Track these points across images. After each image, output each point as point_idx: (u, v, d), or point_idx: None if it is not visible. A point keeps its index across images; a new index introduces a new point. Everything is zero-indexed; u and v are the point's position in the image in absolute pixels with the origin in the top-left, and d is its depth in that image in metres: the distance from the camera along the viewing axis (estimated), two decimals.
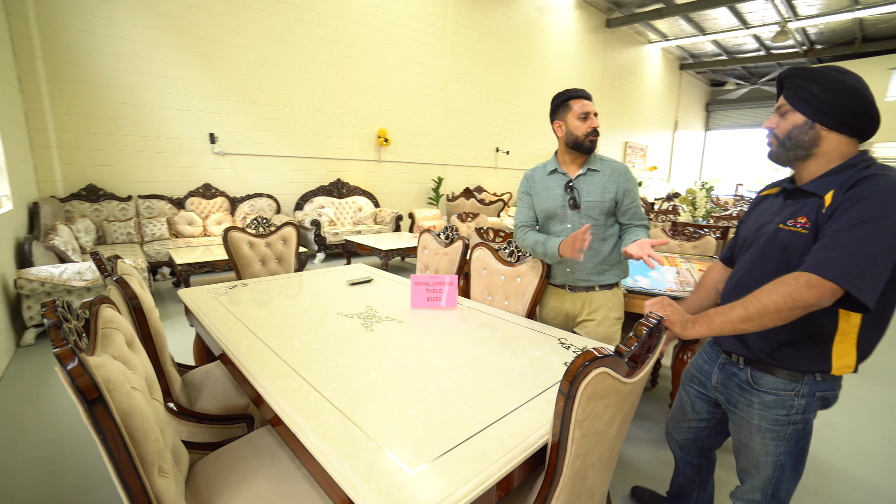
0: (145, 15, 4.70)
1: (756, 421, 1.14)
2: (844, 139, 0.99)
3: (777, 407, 1.10)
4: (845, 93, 0.96)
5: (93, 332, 0.90)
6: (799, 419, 1.10)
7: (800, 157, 1.04)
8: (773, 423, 1.11)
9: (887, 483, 1.87)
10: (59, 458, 1.85)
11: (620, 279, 1.78)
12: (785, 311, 0.93)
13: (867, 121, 0.97)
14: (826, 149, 1.00)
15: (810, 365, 1.05)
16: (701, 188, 4.69)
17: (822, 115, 0.98)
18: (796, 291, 0.91)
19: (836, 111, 0.97)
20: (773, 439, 1.12)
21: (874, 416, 2.44)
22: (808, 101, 0.99)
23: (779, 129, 1.06)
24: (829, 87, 0.97)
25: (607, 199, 1.67)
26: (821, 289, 0.89)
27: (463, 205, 7.61)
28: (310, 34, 5.96)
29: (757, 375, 1.13)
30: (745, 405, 1.16)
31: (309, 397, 1.04)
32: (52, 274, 3.00)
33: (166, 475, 0.88)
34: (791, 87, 1.03)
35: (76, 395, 0.67)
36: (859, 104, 0.95)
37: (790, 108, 1.03)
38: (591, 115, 1.65)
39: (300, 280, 2.21)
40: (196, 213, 5.15)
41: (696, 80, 15.48)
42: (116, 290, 1.31)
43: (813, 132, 1.00)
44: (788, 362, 1.07)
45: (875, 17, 9.71)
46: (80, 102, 4.48)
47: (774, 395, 1.10)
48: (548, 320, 1.85)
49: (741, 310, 0.98)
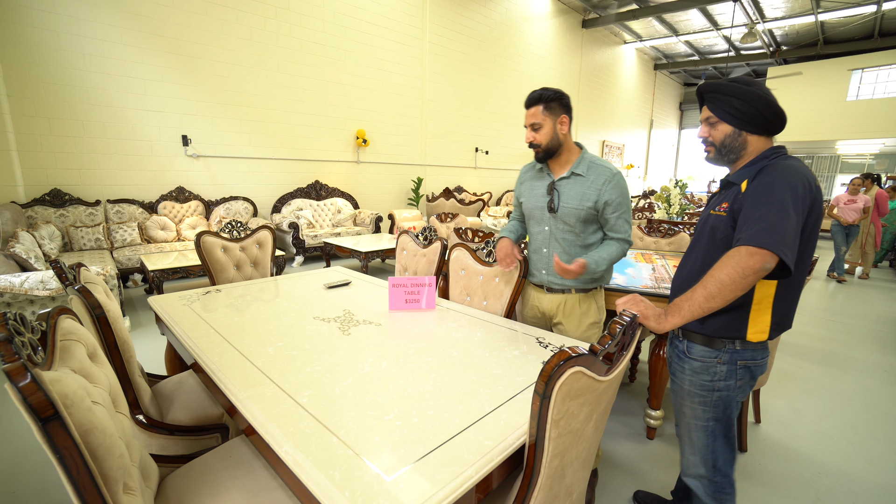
0: (114, 13, 4.54)
1: (686, 386, 1.28)
2: (763, 138, 1.18)
3: (702, 372, 1.24)
4: (759, 101, 1.13)
5: (50, 344, 0.85)
6: (722, 386, 1.22)
7: (733, 160, 1.23)
8: (700, 388, 1.25)
9: (850, 467, 1.95)
10: (20, 477, 1.77)
11: (599, 285, 1.73)
12: (739, 281, 1.04)
13: (777, 121, 1.15)
14: (751, 149, 1.19)
15: (729, 332, 1.18)
16: (675, 186, 4.80)
17: (746, 123, 1.16)
18: (742, 261, 1.03)
19: (755, 118, 1.15)
20: (700, 404, 1.26)
21: (838, 403, 2.54)
22: (733, 114, 1.17)
23: (713, 138, 1.23)
24: (746, 100, 1.14)
25: (585, 208, 1.58)
26: (761, 255, 1.02)
27: (443, 205, 7.61)
28: (287, 34, 5.86)
29: (690, 346, 1.26)
30: (679, 372, 1.30)
31: (283, 405, 1.02)
32: (13, 283, 2.86)
33: (132, 492, 0.84)
34: (713, 101, 1.20)
35: (29, 413, 0.64)
36: (769, 109, 1.14)
37: (718, 120, 1.20)
38: (527, 127, 1.61)
39: (276, 284, 2.16)
40: (169, 218, 5.00)
41: (670, 80, 15.86)
42: (79, 299, 1.25)
43: (741, 138, 1.19)
44: (711, 330, 1.20)
45: (835, 21, 10.13)
46: (43, 103, 4.29)
47: (700, 362, 1.24)
48: (527, 318, 1.85)
49: (702, 290, 1.09)
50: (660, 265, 2.59)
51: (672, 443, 2.07)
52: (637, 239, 3.41)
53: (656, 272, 2.40)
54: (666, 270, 2.45)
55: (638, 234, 3.41)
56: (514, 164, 9.85)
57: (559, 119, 1.57)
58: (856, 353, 3.30)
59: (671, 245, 3.29)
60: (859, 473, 1.91)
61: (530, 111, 1.58)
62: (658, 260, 2.74)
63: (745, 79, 1.18)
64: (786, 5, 9.46)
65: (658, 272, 2.40)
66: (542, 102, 1.56)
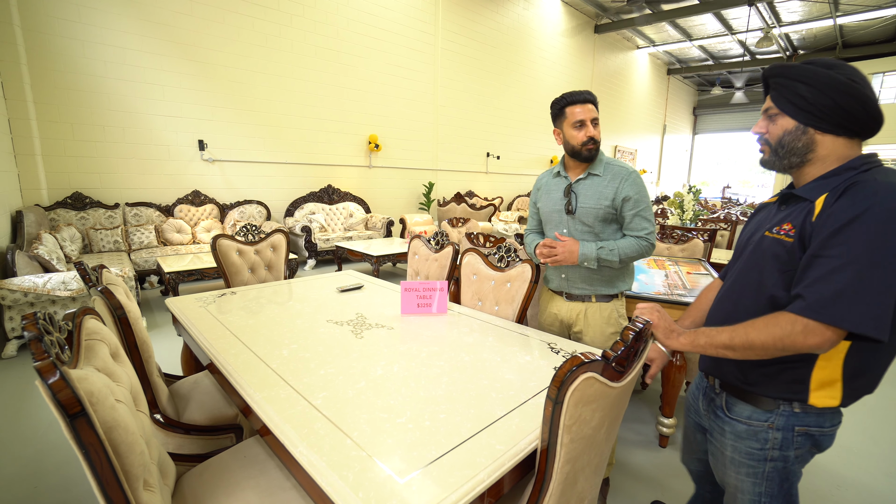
0: (136, 22, 4.67)
1: (728, 453, 1.02)
2: (843, 141, 0.88)
3: (749, 438, 0.98)
4: (837, 90, 0.83)
5: (76, 343, 0.88)
6: (777, 456, 0.95)
7: (795, 165, 0.93)
8: (747, 457, 0.99)
9: (872, 480, 1.90)
10: (42, 474, 1.81)
11: (621, 290, 1.69)
12: (772, 351, 0.84)
13: (866, 118, 0.84)
14: (823, 153, 0.89)
15: (783, 392, 0.92)
16: (688, 191, 4.75)
17: (814, 117, 0.87)
18: (790, 337, 0.81)
19: (829, 112, 0.85)
20: (747, 475, 0.99)
21: (857, 414, 2.48)
22: (797, 104, 0.88)
23: (769, 134, 0.95)
24: (818, 87, 0.85)
25: (603, 206, 1.57)
26: (823, 336, 0.78)
27: (454, 210, 7.63)
28: (301, 41, 5.96)
29: (731, 402, 1.02)
30: (718, 434, 1.05)
31: (298, 406, 1.03)
32: (36, 284, 2.95)
33: (152, 489, 0.86)
34: (777, 87, 0.92)
35: (58, 409, 0.66)
36: (854, 101, 0.83)
37: (779, 112, 0.92)
38: (586, 122, 1.54)
39: (290, 287, 2.19)
40: (185, 221, 5.10)
41: (683, 85, 15.73)
42: (101, 300, 1.29)
43: (806, 137, 0.89)
44: (760, 388, 0.95)
45: (854, 24, 9.97)
46: (66, 110, 4.43)
47: (746, 425, 0.98)
48: (544, 325, 1.83)
49: (727, 338, 0.89)
50: (673, 272, 2.56)
51: None
52: None
53: (669, 279, 2.38)
54: (679, 277, 2.42)
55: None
56: (525, 169, 9.84)
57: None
58: None
59: (684, 251, 3.26)
60: (880, 487, 1.86)
61: (588, 107, 1.55)
62: (671, 266, 2.72)
63: (826, 60, 0.87)
64: (803, 9, 9.33)
65: (671, 279, 2.38)
66: (595, 102, 1.57)
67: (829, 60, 0.88)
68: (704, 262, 2.89)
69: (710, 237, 3.34)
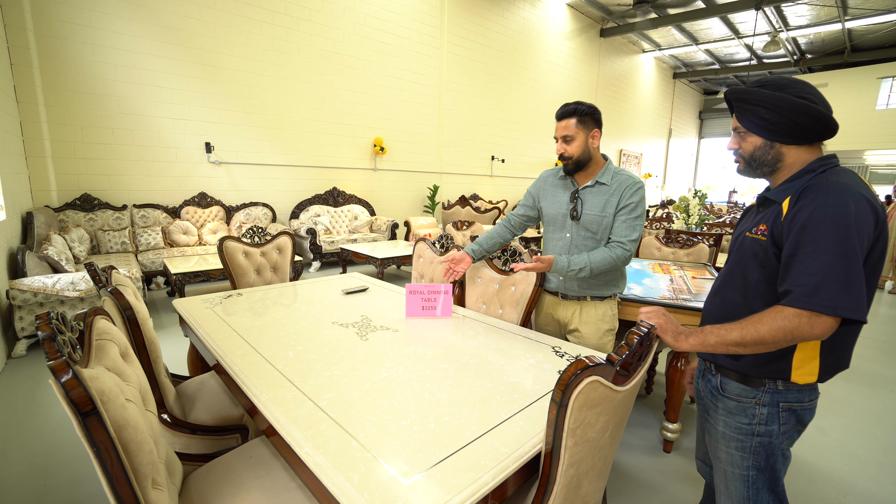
0: (145, 26, 4.73)
1: (721, 428, 1.13)
2: (805, 147, 1.01)
3: (739, 414, 1.09)
4: (791, 111, 0.96)
5: (87, 343, 0.90)
6: (762, 431, 1.06)
7: (767, 173, 1.08)
8: (736, 432, 1.09)
9: (879, 488, 1.88)
10: (51, 471, 1.83)
11: (615, 292, 1.76)
12: (782, 343, 0.93)
13: (821, 128, 0.97)
14: (789, 161, 1.03)
15: (768, 371, 1.03)
16: (694, 196, 4.73)
17: (777, 134, 1.01)
18: (798, 329, 0.90)
19: (789, 129, 0.99)
20: (737, 449, 1.10)
21: (866, 422, 2.45)
22: (760, 125, 1.01)
23: (742, 150, 1.08)
24: (775, 109, 0.98)
25: (608, 215, 1.62)
26: (826, 325, 0.89)
27: (459, 213, 7.64)
28: (307, 44, 6.01)
29: (724, 381, 1.13)
30: (713, 411, 1.16)
31: (303, 407, 1.04)
32: (45, 284, 2.99)
33: (160, 488, 0.87)
34: (739, 110, 1.05)
35: (70, 407, 0.67)
36: (807, 117, 0.96)
37: (745, 131, 1.05)
38: (559, 140, 1.62)
39: (295, 289, 2.21)
40: (191, 223, 5.14)
41: (689, 89, 15.68)
42: (111, 300, 1.31)
43: (774, 151, 1.03)
44: (747, 367, 1.06)
45: (863, 28, 9.91)
46: (76, 112, 4.49)
47: (737, 402, 1.09)
48: (541, 326, 1.86)
49: (738, 335, 0.96)
50: (678, 276, 2.55)
51: (689, 457, 2.03)
52: (655, 249, 3.37)
53: (674, 283, 2.37)
54: (684, 282, 2.41)
55: (655, 245, 3.37)
56: (530, 172, 9.85)
57: (591, 133, 1.62)
58: (885, 370, 3.19)
59: (689, 256, 3.24)
60: (889, 496, 1.84)
61: (562, 123, 1.61)
62: (676, 271, 2.71)
63: (777, 80, 1.01)
64: (811, 13, 9.28)
65: (676, 283, 2.37)
66: (576, 116, 1.60)
67: (780, 81, 1.01)
68: (710, 267, 2.87)
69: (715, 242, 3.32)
